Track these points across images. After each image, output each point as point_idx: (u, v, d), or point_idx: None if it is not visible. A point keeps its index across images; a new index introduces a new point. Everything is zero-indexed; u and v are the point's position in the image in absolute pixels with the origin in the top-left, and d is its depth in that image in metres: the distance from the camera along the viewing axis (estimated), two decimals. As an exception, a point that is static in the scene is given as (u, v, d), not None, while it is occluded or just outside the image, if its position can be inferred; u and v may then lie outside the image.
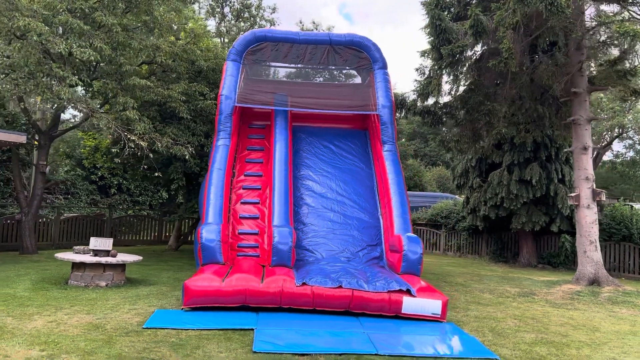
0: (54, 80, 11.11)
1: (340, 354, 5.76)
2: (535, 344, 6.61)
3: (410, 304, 7.48)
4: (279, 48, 12.38)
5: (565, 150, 13.01)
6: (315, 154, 12.08)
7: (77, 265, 9.28)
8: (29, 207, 14.21)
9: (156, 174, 12.60)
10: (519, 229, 16.55)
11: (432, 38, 11.75)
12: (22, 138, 11.11)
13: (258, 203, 10.72)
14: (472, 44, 11.53)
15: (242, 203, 10.71)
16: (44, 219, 16.74)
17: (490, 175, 16.48)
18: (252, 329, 6.59)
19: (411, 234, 9.08)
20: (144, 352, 5.55)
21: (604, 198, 12.04)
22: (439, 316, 7.50)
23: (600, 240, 13.95)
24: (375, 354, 5.80)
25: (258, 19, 31.99)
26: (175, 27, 15.15)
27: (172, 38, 16.41)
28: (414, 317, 7.52)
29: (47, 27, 10.44)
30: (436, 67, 12.00)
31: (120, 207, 24.00)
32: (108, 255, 9.53)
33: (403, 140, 43.86)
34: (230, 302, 7.37)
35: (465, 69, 12.20)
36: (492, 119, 12.52)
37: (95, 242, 9.58)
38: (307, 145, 12.31)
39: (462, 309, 8.85)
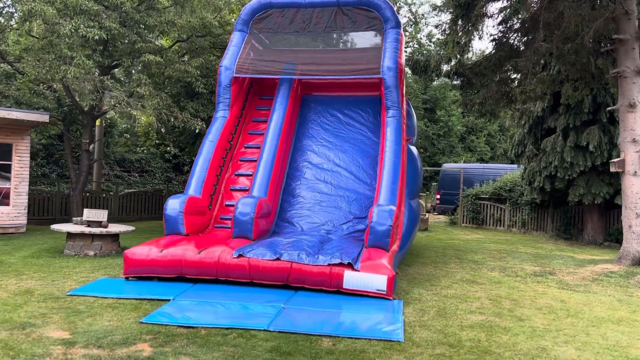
0: (67, 61, 11.65)
1: (227, 328, 5.41)
2: (469, 328, 5.73)
3: (352, 279, 6.85)
4: (285, 14, 11.93)
5: (609, 108, 11.09)
6: (320, 123, 11.54)
7: (70, 236, 9.76)
8: (76, 183, 15.28)
9: (168, 149, 12.84)
10: (579, 202, 14.64)
11: (441, -10, 10.60)
12: (44, 117, 11.84)
13: (251, 175, 10.50)
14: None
15: (236, 175, 10.56)
16: (104, 195, 17.95)
17: (543, 142, 14.72)
18: (169, 300, 6.43)
19: (385, 207, 8.26)
20: (36, 317, 5.61)
21: (654, 163, 10.20)
22: (384, 292, 6.79)
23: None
24: (264, 330, 5.37)
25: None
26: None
27: (216, 16, 16.46)
28: (358, 293, 6.89)
29: (53, 11, 10.94)
30: (450, 21, 10.81)
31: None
32: (100, 226, 9.91)
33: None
34: (167, 273, 7.28)
35: (481, 21, 10.82)
36: (518, 77, 11.04)
37: (89, 214, 10.00)
38: (314, 114, 11.79)
39: (442, 287, 7.98)
